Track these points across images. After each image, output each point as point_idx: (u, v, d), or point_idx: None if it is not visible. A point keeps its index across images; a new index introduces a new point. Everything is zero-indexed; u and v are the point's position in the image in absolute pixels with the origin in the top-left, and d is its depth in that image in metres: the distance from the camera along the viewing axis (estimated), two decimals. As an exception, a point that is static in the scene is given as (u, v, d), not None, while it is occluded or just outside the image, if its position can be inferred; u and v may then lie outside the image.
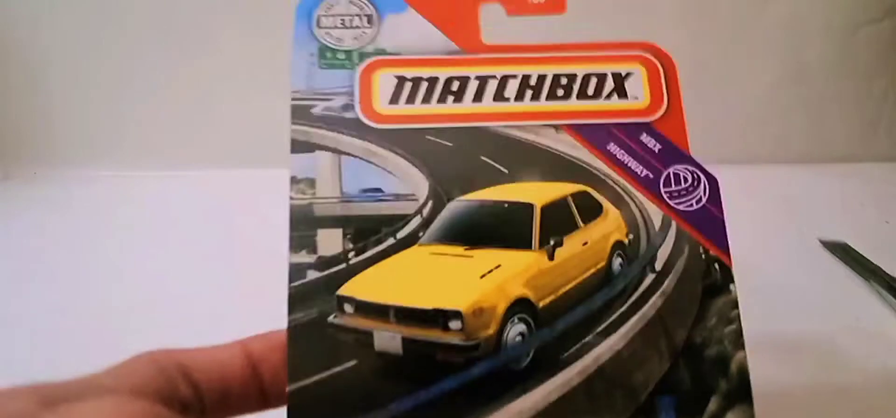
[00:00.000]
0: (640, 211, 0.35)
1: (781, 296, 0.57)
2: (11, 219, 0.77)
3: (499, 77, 0.37)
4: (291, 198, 0.35)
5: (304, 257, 0.34)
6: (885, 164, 0.74)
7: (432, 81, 0.37)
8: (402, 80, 0.37)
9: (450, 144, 0.36)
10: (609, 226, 0.35)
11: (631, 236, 0.35)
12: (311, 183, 0.35)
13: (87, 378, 0.29)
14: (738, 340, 0.33)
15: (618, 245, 0.35)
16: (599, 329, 0.33)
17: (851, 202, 0.68)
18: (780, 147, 0.72)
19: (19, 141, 0.84)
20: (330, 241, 0.34)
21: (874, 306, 0.56)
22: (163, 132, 0.82)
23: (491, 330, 0.33)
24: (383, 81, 0.37)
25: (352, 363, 0.33)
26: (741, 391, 0.32)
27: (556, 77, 0.37)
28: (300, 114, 0.36)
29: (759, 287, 0.57)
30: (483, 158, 0.36)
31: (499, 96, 0.37)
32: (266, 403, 0.32)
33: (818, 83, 0.73)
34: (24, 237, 0.72)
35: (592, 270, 0.35)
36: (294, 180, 0.35)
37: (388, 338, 0.33)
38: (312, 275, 0.34)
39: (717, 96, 0.70)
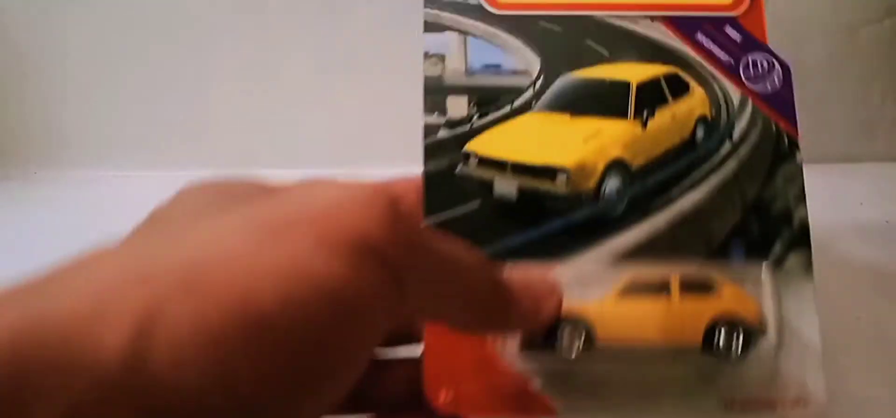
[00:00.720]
0: (722, 91, 0.41)
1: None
2: (11, 219, 0.75)
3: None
4: (425, 70, 0.41)
5: (436, 118, 0.41)
6: (885, 164, 0.73)
7: (545, -24, 0.43)
8: (518, -25, 0.43)
9: (559, 29, 0.42)
10: (694, 103, 0.41)
11: (713, 112, 0.41)
12: (441, 58, 0.42)
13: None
14: (801, 196, 0.39)
15: (701, 119, 0.41)
16: (683, 186, 0.40)
17: (851, 202, 0.68)
18: None
19: (19, 141, 0.83)
20: (457, 106, 0.41)
21: (875, 307, 0.57)
22: (163, 132, 0.81)
23: (591, 184, 0.40)
24: (502, -25, 0.43)
25: (475, 204, 0.40)
26: (802, 237, 0.38)
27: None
28: (432, 1, 0.42)
29: None
30: (588, 42, 0.42)
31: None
32: None
33: (818, 83, 0.72)
34: (24, 237, 0.71)
35: (679, 139, 0.41)
36: (426, 55, 0.42)
37: (505, 186, 0.40)
38: (443, 133, 0.41)
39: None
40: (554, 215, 0.39)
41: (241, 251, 0.23)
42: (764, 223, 0.39)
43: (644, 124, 0.41)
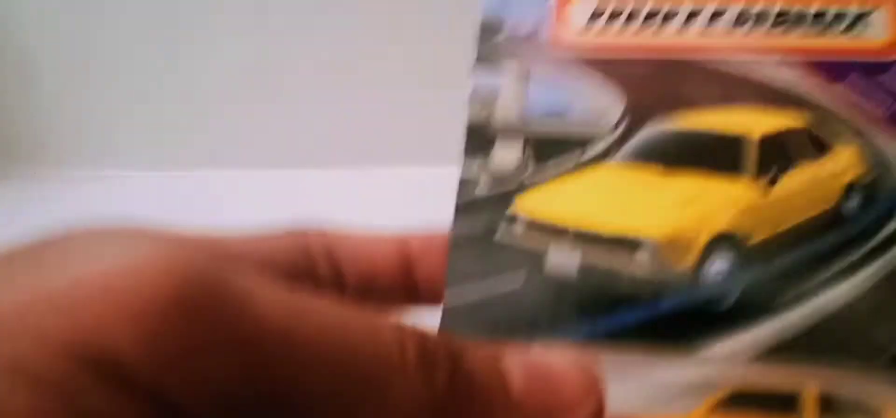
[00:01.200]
0: (880, 152, 0.29)
1: None
2: (11, 219, 0.74)
3: (711, 10, 0.33)
4: (469, 113, 0.32)
5: (476, 171, 0.31)
6: None
7: (634, 14, 0.33)
8: (599, 12, 0.34)
9: (651, 72, 0.32)
10: (840, 164, 0.29)
11: (868, 177, 0.29)
12: (492, 100, 0.32)
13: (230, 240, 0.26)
14: None
15: (852, 185, 0.29)
16: (827, 275, 0.27)
17: None
18: None
19: (19, 141, 0.83)
20: (506, 155, 0.31)
21: None
22: (163, 132, 0.81)
23: (688, 263, 0.28)
24: (578, 10, 0.34)
25: (517, 284, 0.28)
26: None
27: (782, 11, 0.32)
28: (487, 34, 0.33)
29: None
30: (690, 85, 0.31)
31: (708, 26, 0.32)
32: (415, 301, 0.29)
33: None
34: (24, 237, 0.71)
35: (818, 211, 0.28)
36: (473, 95, 0.32)
37: (562, 259, 0.29)
38: (483, 188, 0.30)
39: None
40: (629, 303, 0.27)
41: None
42: (960, 330, 0.25)
43: (769, 186, 0.29)
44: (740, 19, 0.32)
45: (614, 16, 0.33)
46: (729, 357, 0.25)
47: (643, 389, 0.25)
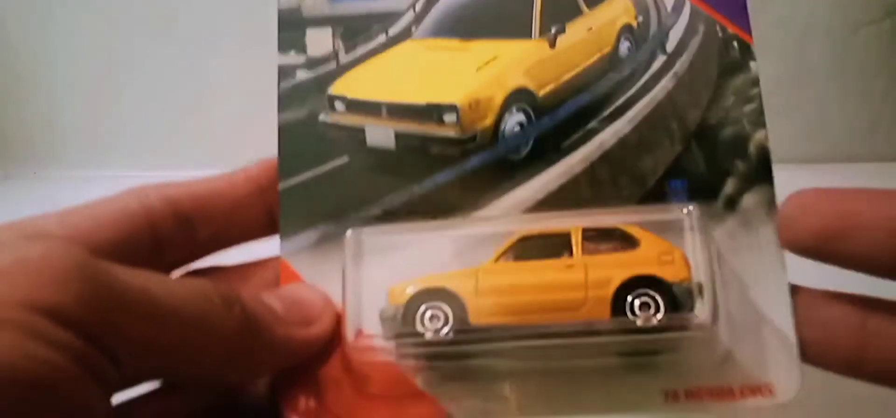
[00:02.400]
0: (648, -8, 0.32)
1: None
2: (11, 219, 0.75)
3: None
4: (279, 2, 0.33)
5: (293, 58, 0.33)
6: (887, 165, 0.70)
7: None
8: None
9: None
10: (616, 10, 0.32)
11: (640, 18, 0.32)
12: (300, -16, 0.33)
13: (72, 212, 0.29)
14: (758, 119, 0.30)
15: (626, 28, 0.32)
16: (604, 115, 0.31)
17: None
18: (780, 147, 0.70)
19: (19, 141, 0.83)
20: (319, 41, 0.33)
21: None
22: (163, 132, 0.80)
23: (488, 122, 0.31)
24: None
25: (343, 160, 0.32)
26: (761, 171, 0.29)
27: None
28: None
29: None
30: None
31: None
32: (275, 227, 0.31)
33: (819, 83, 0.71)
34: None
35: (598, 56, 0.32)
36: (281, -18, 0.33)
37: (380, 134, 0.32)
38: (302, 75, 0.33)
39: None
40: (442, 165, 0.31)
41: None
42: (711, 156, 0.30)
43: (552, 42, 0.33)
44: None
45: None
46: (530, 204, 0.30)
47: (445, 248, 0.29)
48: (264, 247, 0.32)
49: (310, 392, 0.29)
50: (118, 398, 0.25)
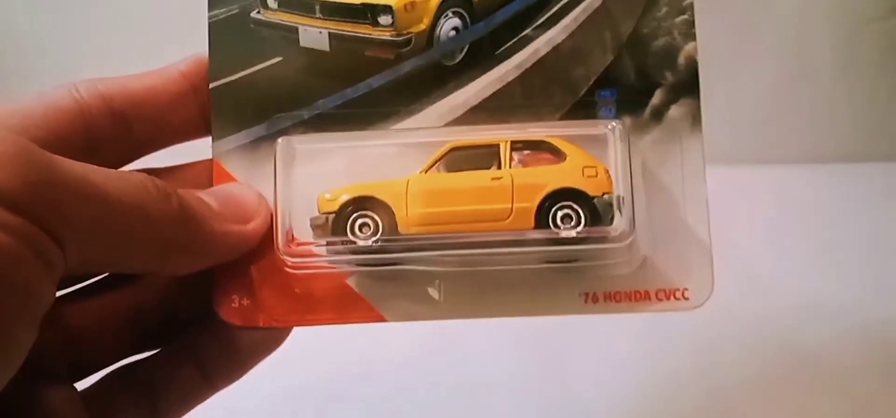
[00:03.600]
0: None
1: (784, 297, 0.55)
2: None
3: None
4: None
5: (224, -50, 0.32)
6: (890, 164, 0.69)
7: None
8: None
9: None
10: None
11: (579, -79, 0.32)
12: None
13: (3, 108, 0.28)
14: (690, 31, 0.30)
15: (563, -69, 0.32)
16: (539, 22, 0.31)
17: (858, 202, 0.66)
18: (784, 146, 0.69)
19: None
20: (251, -69, 0.32)
21: (877, 306, 0.55)
22: None
23: (423, 25, 0.31)
24: None
25: (276, 59, 0.31)
26: (688, 83, 0.30)
27: None
28: None
29: (763, 288, 0.54)
30: None
31: None
32: (207, 127, 0.31)
33: (823, 82, 0.69)
34: None
35: (535, -40, 0.32)
36: None
37: (314, 34, 0.31)
38: (233, -31, 0.32)
39: (721, 96, 0.66)
40: (376, 68, 0.31)
41: None
42: (640, 66, 0.30)
43: (490, -57, 0.32)
44: None
45: None
46: (461, 111, 0.30)
47: (375, 155, 0.30)
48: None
49: (243, 291, 0.30)
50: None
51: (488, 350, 0.51)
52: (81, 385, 0.30)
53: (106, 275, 0.31)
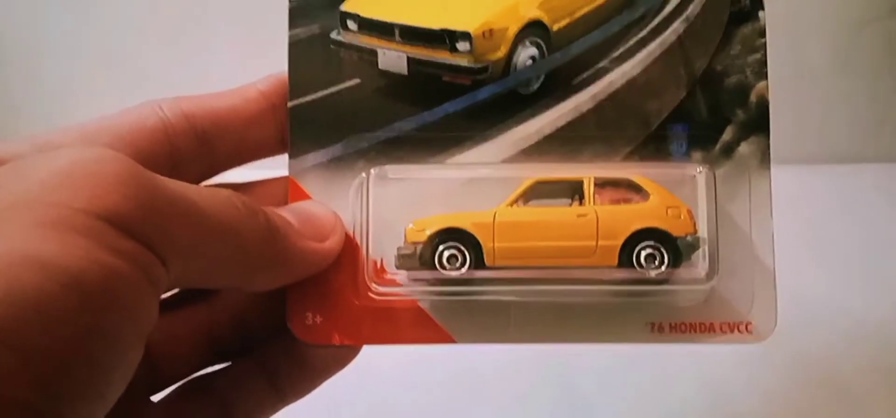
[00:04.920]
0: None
1: (784, 297, 0.55)
2: None
3: None
4: None
5: (305, -29, 0.32)
6: (891, 165, 0.70)
7: None
8: None
9: None
10: (632, -55, 0.32)
11: (656, -44, 0.32)
12: None
13: (91, 126, 0.29)
14: (761, 70, 0.31)
15: (641, -34, 0.32)
16: (615, 55, 0.31)
17: (857, 202, 0.66)
18: (783, 147, 0.69)
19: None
20: (332, -48, 0.32)
21: (877, 306, 0.55)
22: None
23: (501, 53, 0.32)
24: None
25: (354, 81, 0.32)
26: (758, 120, 0.31)
27: None
28: None
29: None
30: None
31: None
32: (284, 145, 0.32)
33: (823, 82, 0.70)
34: None
35: (611, -7, 0.32)
36: None
37: (393, 58, 0.32)
38: (314, -11, 0.32)
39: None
40: (453, 94, 0.31)
41: None
42: (713, 103, 0.31)
43: (569, -26, 0.33)
44: None
45: None
46: (536, 139, 0.31)
47: (456, 186, 0.30)
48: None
49: (317, 310, 0.30)
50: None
51: (488, 350, 0.52)
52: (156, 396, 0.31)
53: (179, 290, 0.32)
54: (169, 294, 0.32)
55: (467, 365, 0.51)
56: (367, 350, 0.31)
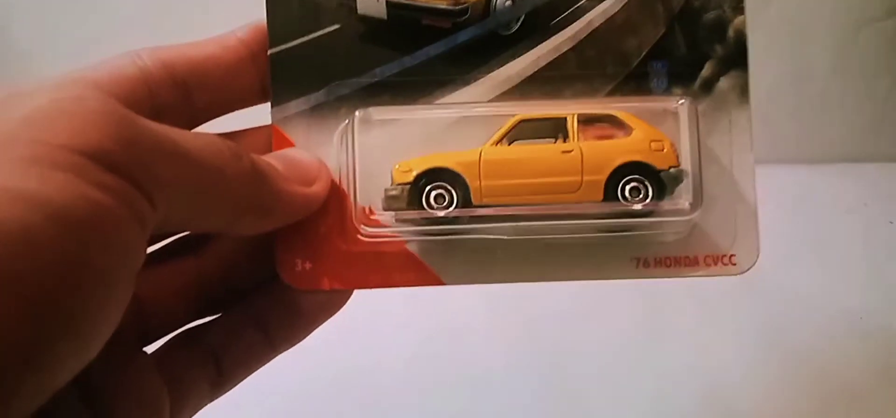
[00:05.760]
0: None
1: (784, 298, 0.56)
2: None
3: None
4: None
5: (281, -84, 0.32)
6: (890, 164, 0.71)
7: None
8: None
9: None
10: None
11: None
12: None
13: (69, 76, 0.28)
14: (739, 4, 0.31)
15: None
16: (593, -6, 0.32)
17: (855, 202, 0.66)
18: (782, 147, 0.68)
19: None
20: None
21: (876, 306, 0.56)
22: None
23: (479, -6, 0.32)
24: None
25: (334, 27, 0.32)
26: (737, 56, 0.31)
27: None
28: None
29: (763, 289, 0.55)
30: None
31: None
32: (265, 94, 0.31)
33: (821, 83, 0.70)
34: None
35: (589, -69, 0.32)
36: None
37: (371, 2, 0.32)
38: (290, -65, 0.32)
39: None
40: (433, 37, 0.31)
41: None
42: (691, 39, 0.31)
43: (546, -85, 0.32)
44: None
45: None
46: (517, 80, 0.31)
47: (441, 125, 0.30)
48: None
49: (306, 256, 0.31)
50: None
51: (488, 348, 0.53)
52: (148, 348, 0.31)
53: (169, 241, 0.32)
54: (157, 246, 0.32)
55: (467, 367, 0.52)
56: (365, 342, 0.32)
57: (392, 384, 0.51)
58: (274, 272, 0.31)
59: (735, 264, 0.31)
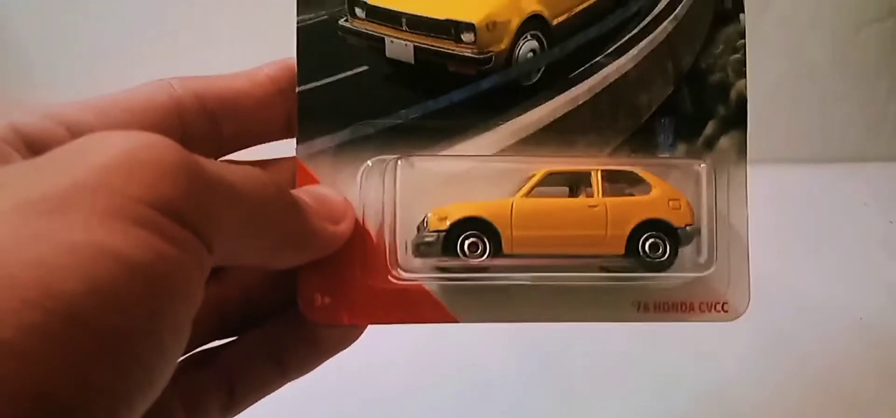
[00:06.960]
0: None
1: (784, 297, 0.57)
2: None
3: None
4: None
5: (313, -43, 0.32)
6: (890, 164, 0.71)
7: None
8: None
9: None
10: (626, -54, 0.34)
11: (648, -43, 0.34)
12: None
13: (104, 102, 0.28)
14: (741, 69, 0.34)
15: (634, -35, 0.34)
16: (610, 50, 0.33)
17: (855, 202, 0.67)
18: (782, 147, 0.68)
19: None
20: (340, -61, 0.32)
21: (876, 305, 0.57)
22: None
23: (503, 45, 0.33)
24: None
25: (362, 68, 0.32)
26: (737, 117, 0.33)
27: None
28: None
29: (762, 288, 0.56)
30: None
31: None
32: (291, 130, 0.32)
33: (821, 82, 0.71)
34: None
35: (607, -9, 0.34)
36: None
37: (400, 46, 0.33)
38: (322, -24, 0.32)
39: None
40: (457, 83, 0.33)
41: (15, 238, 0.19)
42: (697, 98, 0.33)
43: (569, -29, 0.34)
44: None
45: None
46: (536, 128, 0.32)
47: (468, 177, 0.32)
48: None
49: (326, 291, 0.32)
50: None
51: (488, 348, 0.54)
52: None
53: None
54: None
55: (467, 368, 0.52)
56: (365, 342, 0.33)
57: (392, 384, 0.51)
58: (291, 299, 0.32)
59: (727, 311, 0.33)
